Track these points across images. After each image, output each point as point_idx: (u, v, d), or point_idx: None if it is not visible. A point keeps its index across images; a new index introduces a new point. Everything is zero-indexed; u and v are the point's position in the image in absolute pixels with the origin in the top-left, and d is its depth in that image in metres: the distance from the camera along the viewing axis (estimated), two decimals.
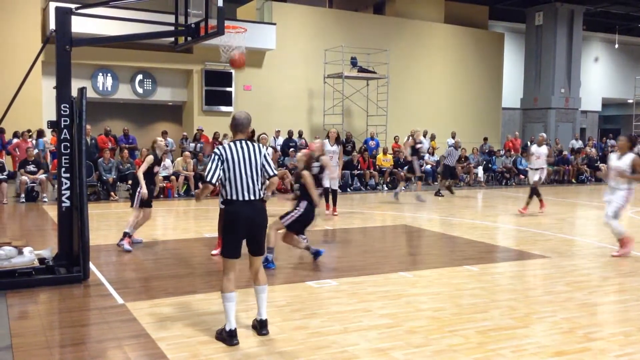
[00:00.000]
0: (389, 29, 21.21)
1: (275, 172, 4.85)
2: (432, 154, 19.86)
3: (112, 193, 13.88)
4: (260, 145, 5.12)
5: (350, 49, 19.35)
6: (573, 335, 4.90)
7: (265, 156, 4.74)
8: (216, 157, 4.59)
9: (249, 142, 4.72)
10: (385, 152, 18.37)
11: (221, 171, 4.57)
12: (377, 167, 17.82)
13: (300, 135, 18.61)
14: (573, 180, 20.49)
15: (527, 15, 23.18)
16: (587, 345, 4.67)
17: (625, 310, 5.64)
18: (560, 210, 13.55)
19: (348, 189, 16.52)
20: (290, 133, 18.22)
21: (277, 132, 18.38)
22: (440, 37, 22.12)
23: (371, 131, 19.61)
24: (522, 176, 19.55)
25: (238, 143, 4.67)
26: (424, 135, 20.58)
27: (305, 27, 20.17)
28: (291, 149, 16.96)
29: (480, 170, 19.14)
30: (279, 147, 17.59)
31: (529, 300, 5.95)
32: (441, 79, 22.14)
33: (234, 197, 4.60)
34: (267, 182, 4.92)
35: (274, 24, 18.92)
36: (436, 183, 17.89)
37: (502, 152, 20.39)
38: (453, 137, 20.83)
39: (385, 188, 17.28)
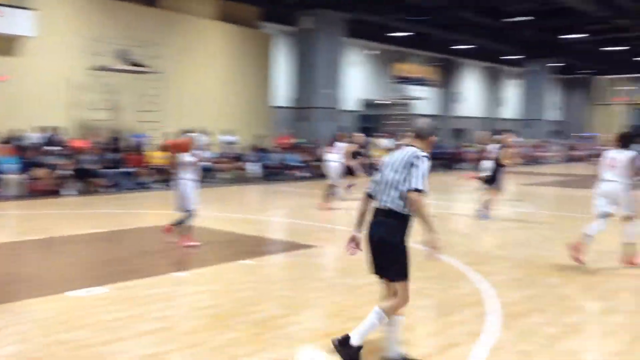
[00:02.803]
0: (161, 23, 20.60)
1: None
2: (208, 151, 19.82)
3: None
4: None
5: (121, 41, 18.35)
6: (340, 317, 5.29)
7: None
8: None
9: None
10: (161, 150, 17.82)
11: None
12: (151, 165, 17.20)
13: (56, 131, 17.00)
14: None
15: (297, 19, 24.44)
16: (352, 325, 5.02)
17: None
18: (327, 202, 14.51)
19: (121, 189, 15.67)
20: (47, 129, 16.58)
21: (40, 128, 16.62)
22: (213, 35, 22.16)
23: (143, 128, 18.85)
24: (293, 171, 20.54)
25: None
26: (202, 133, 20.43)
27: (70, 15, 18.55)
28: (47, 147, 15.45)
29: (254, 166, 19.64)
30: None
31: (301, 288, 6.27)
32: (215, 76, 22.20)
33: None
34: None
35: (34, 9, 17.08)
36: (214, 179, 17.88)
37: (274, 149, 21.20)
38: (228, 134, 21.07)
39: (166, 186, 16.76)
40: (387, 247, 4.05)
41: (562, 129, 43.75)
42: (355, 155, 14.93)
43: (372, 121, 35.06)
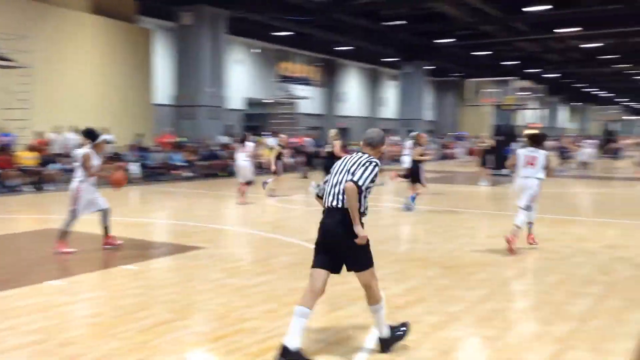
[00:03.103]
0: (30, 14, 19.17)
1: None
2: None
3: None
4: None
5: None
6: (228, 319, 5.22)
7: None
8: None
9: None
10: (30, 149, 16.61)
11: None
12: (20, 166, 15.98)
13: None
14: (223, 174, 21.82)
15: (176, 14, 23.74)
16: (241, 327, 5.02)
17: (273, 289, 6.25)
18: (213, 202, 14.30)
19: None
20: None
21: None
22: (87, 28, 20.97)
23: (10, 126, 17.45)
24: (176, 171, 20.00)
25: None
26: (73, 131, 19.33)
27: None
28: None
29: (134, 167, 18.89)
30: None
31: (188, 291, 6.12)
32: (91, 72, 21.04)
33: None
34: None
35: None
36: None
37: (156, 148, 20.50)
38: (104, 133, 20.05)
39: (35, 189, 15.64)
40: (345, 243, 4.22)
41: (434, 129, 46.29)
42: (279, 155, 15.33)
43: (257, 120, 35.03)
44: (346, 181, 4.16)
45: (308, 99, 34.15)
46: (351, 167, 4.25)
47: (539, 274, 7.08)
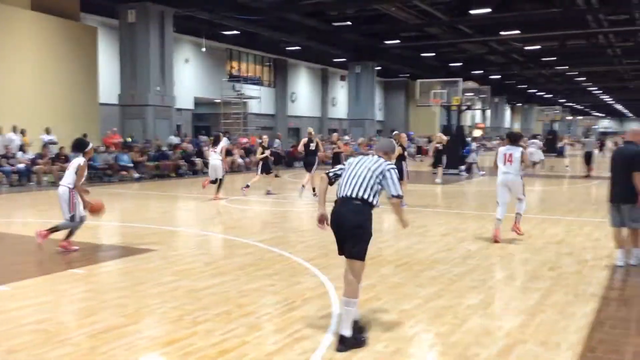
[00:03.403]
0: None
1: None
2: (25, 152, 18.17)
3: None
4: None
5: None
6: (182, 322, 5.13)
7: None
8: None
9: None
10: None
11: None
12: None
13: None
14: (173, 174, 21.49)
15: (120, 11, 23.17)
16: (195, 330, 4.95)
17: (227, 291, 6.19)
18: (163, 203, 14.05)
19: None
20: None
21: None
22: (28, 25, 20.21)
23: None
24: (124, 172, 19.55)
25: None
26: (15, 131, 18.66)
27: None
28: None
29: None
30: None
31: (139, 294, 5.98)
32: (32, 71, 20.29)
33: None
34: None
35: None
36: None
37: (102, 149, 19.97)
38: (48, 133, 19.44)
39: None
40: (353, 231, 4.66)
41: (384, 129, 46.87)
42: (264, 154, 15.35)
43: (207, 120, 34.61)
44: (391, 197, 4.74)
45: (258, 99, 33.94)
46: (376, 168, 4.72)
47: (489, 270, 7.25)
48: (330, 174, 4.94)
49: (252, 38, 31.18)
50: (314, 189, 14.92)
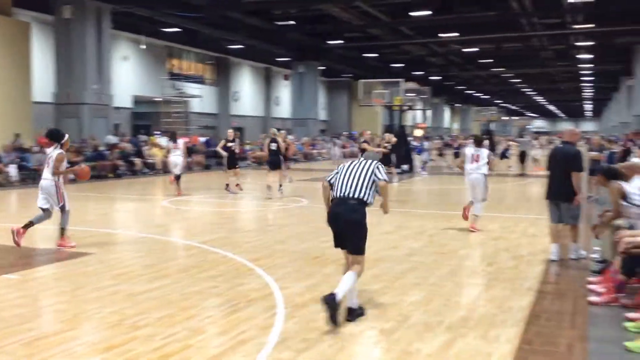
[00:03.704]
0: None
1: None
2: None
3: None
4: None
5: None
6: (121, 327, 5.00)
7: None
8: None
9: None
10: None
11: None
12: None
13: None
14: (110, 175, 20.89)
15: (55, 7, 22.33)
16: (135, 334, 4.83)
17: (168, 294, 6.06)
18: (101, 205, 13.64)
19: None
20: None
21: None
22: None
23: None
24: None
25: None
26: None
27: None
28: None
29: (12, 169, 17.59)
30: None
31: (76, 300, 5.79)
32: None
33: None
34: None
35: None
36: None
37: (36, 149, 19.20)
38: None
39: None
40: (353, 227, 5.23)
41: (327, 128, 47.14)
42: (226, 149, 15.54)
43: (147, 119, 33.85)
44: (380, 180, 5.26)
45: (200, 98, 33.44)
46: (368, 169, 5.30)
47: (430, 267, 7.40)
48: (331, 180, 5.43)
49: (193, 35, 30.69)
50: (269, 187, 14.95)
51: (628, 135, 24.53)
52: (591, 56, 38.23)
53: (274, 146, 14.89)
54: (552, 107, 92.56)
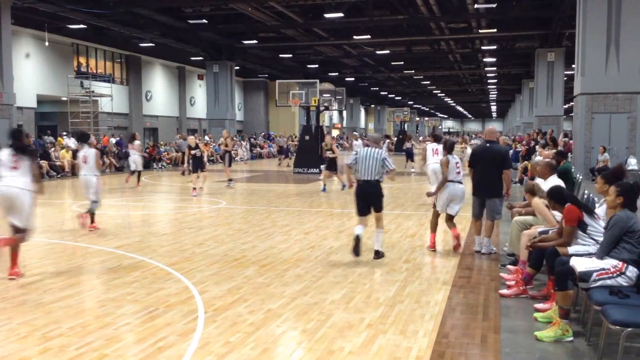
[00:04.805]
0: None
1: None
2: None
3: None
4: None
5: None
6: (32, 339, 4.74)
7: None
8: None
9: None
10: None
11: None
12: None
13: None
14: None
15: None
16: (48, 345, 4.59)
17: (80, 302, 5.80)
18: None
19: None
20: None
21: None
22: None
23: None
24: None
25: None
26: None
27: None
28: None
29: None
30: None
31: None
32: None
33: None
34: None
35: None
36: None
37: None
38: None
39: None
40: (377, 198, 7.75)
41: (244, 129, 46.78)
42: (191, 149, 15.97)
43: (53, 119, 32.26)
44: (390, 170, 7.79)
45: (110, 97, 32.19)
46: (378, 157, 7.64)
47: (349, 265, 7.50)
48: (351, 163, 7.83)
49: (100, 33, 29.46)
50: (195, 189, 15.59)
51: (531, 134, 25.95)
52: (495, 59, 40.16)
53: (197, 153, 15.88)
54: (460, 108, 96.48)
